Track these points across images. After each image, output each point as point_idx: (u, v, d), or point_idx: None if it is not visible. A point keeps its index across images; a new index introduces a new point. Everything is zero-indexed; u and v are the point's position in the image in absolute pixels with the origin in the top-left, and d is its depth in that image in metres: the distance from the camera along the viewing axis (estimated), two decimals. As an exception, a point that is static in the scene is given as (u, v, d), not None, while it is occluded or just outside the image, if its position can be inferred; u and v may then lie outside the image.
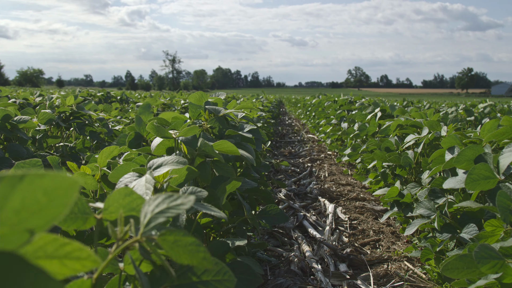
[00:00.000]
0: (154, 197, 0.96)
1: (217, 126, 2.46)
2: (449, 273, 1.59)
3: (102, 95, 8.52)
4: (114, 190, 1.07)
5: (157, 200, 0.95)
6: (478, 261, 1.47)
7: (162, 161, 1.55)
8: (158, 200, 0.95)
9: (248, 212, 2.10)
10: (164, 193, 1.67)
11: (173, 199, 0.95)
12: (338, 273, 2.71)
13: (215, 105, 2.77)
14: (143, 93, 16.36)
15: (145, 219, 0.94)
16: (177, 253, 0.94)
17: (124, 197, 1.08)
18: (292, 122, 17.43)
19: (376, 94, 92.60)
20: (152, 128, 1.88)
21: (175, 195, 0.96)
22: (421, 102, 11.28)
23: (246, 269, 1.52)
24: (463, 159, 1.92)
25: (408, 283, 2.68)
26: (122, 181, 1.53)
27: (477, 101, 14.63)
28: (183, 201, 0.94)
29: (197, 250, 0.92)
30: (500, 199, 1.58)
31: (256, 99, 10.33)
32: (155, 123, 1.82)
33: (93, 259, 0.79)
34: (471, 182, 1.71)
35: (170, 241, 0.93)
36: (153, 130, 1.87)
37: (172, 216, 0.92)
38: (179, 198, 0.95)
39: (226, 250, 1.58)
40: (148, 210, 0.95)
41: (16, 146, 2.87)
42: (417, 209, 2.43)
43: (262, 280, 1.49)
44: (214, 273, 1.02)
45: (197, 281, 1.01)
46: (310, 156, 7.95)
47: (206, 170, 1.78)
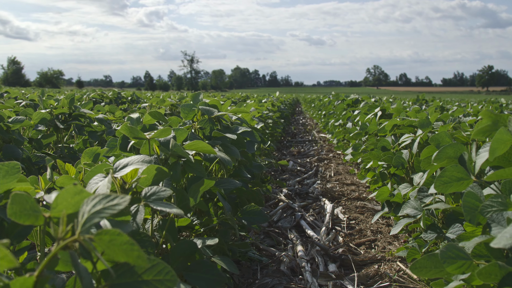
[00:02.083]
0: (92, 197, 0.98)
1: (208, 127, 2.48)
2: (417, 272, 1.58)
3: (112, 95, 8.62)
4: (63, 189, 1.09)
5: (94, 200, 0.98)
6: (443, 261, 1.46)
7: (128, 161, 1.58)
8: (95, 201, 0.97)
9: (227, 212, 2.11)
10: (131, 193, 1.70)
11: (110, 199, 0.97)
12: (326, 273, 2.71)
13: (213, 106, 2.79)
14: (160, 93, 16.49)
15: (83, 219, 0.96)
16: (113, 251, 0.96)
17: (73, 196, 1.10)
18: (306, 121, 17.39)
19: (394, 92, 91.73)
20: (125, 129, 1.90)
21: (112, 196, 0.98)
22: (434, 100, 11.14)
23: (210, 268, 1.54)
24: (444, 156, 1.90)
25: (397, 284, 2.66)
26: (91, 182, 1.56)
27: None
28: (119, 202, 0.96)
29: (132, 248, 0.94)
30: (466, 200, 1.57)
31: (266, 99, 10.33)
32: (129, 125, 1.85)
33: (9, 259, 0.82)
34: (441, 185, 1.69)
35: (106, 240, 0.95)
36: (126, 131, 1.90)
37: (106, 216, 0.95)
38: (115, 198, 0.97)
39: (193, 250, 1.60)
40: (86, 210, 0.97)
41: (12, 147, 2.93)
42: (404, 209, 2.42)
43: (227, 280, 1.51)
44: (155, 273, 1.03)
45: (138, 280, 1.02)
46: (318, 155, 7.93)
47: (177, 170, 1.80)
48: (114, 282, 1.02)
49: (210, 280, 1.52)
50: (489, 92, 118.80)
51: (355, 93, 13.90)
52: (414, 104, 7.41)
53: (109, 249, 0.95)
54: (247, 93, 26.26)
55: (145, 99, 10.23)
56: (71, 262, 0.98)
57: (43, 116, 3.44)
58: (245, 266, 2.92)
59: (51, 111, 3.64)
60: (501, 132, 1.48)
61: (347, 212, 4.30)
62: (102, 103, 7.28)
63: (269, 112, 6.44)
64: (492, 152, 1.50)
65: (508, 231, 1.17)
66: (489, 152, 1.49)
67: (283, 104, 12.09)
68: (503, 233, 1.17)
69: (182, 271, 1.56)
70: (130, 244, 0.94)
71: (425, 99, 10.47)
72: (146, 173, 1.68)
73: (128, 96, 9.83)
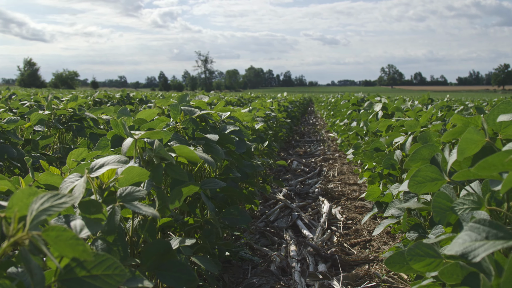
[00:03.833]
0: (41, 196, 1.01)
1: (191, 127, 2.49)
2: (391, 267, 1.59)
3: (120, 96, 8.69)
4: (18, 190, 1.12)
5: (43, 198, 1.00)
6: (410, 259, 1.46)
7: (104, 161, 1.60)
8: (44, 199, 1.00)
9: (211, 212, 2.13)
10: (107, 193, 1.72)
11: (57, 198, 0.99)
12: (314, 273, 2.72)
13: (199, 107, 2.81)
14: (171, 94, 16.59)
15: (31, 216, 0.99)
16: (60, 247, 0.98)
17: (29, 196, 1.12)
18: (317, 121, 17.36)
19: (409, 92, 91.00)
20: (114, 124, 1.94)
21: (59, 194, 1.00)
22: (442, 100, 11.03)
23: (182, 268, 1.55)
24: (418, 158, 1.89)
25: (385, 284, 2.66)
26: (66, 181, 1.58)
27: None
28: (66, 200, 0.99)
29: (77, 243, 0.97)
30: (437, 200, 1.56)
31: (272, 99, 10.33)
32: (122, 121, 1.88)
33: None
34: (415, 185, 1.69)
35: (53, 236, 0.97)
36: (115, 127, 1.93)
37: (52, 213, 0.97)
38: (62, 197, 0.99)
39: (167, 249, 1.62)
40: (34, 208, 0.99)
41: (6, 147, 2.97)
42: (389, 209, 2.42)
43: (198, 279, 1.52)
44: (104, 267, 1.05)
45: (86, 275, 1.05)
46: (324, 155, 7.92)
47: (158, 172, 1.82)
48: (64, 278, 1.04)
49: (180, 279, 1.53)
50: (505, 91, 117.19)
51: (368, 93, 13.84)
52: (420, 104, 7.36)
53: (56, 245, 0.98)
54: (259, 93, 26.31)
55: (153, 100, 10.30)
56: (22, 259, 1.00)
57: (41, 117, 3.49)
58: (236, 266, 2.93)
59: (53, 112, 3.69)
60: (470, 132, 1.48)
61: (345, 212, 4.29)
62: (108, 103, 7.35)
63: (272, 112, 6.44)
64: (461, 152, 1.50)
65: (461, 237, 1.16)
66: (457, 152, 1.48)
67: (291, 104, 12.08)
68: (456, 239, 1.16)
69: (154, 270, 1.58)
70: (75, 239, 0.96)
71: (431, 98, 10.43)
72: (125, 173, 1.70)
73: (137, 97, 9.90)
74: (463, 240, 1.18)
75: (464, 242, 1.18)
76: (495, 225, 1.20)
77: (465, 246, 1.17)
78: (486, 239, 1.18)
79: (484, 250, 1.15)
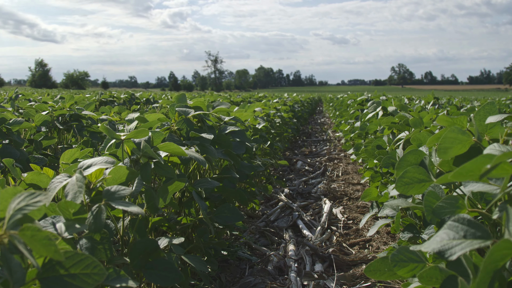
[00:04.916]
0: (19, 195, 1.03)
1: (185, 128, 2.51)
2: (371, 275, 1.58)
3: (126, 97, 8.74)
4: (2, 190, 1.14)
5: (20, 197, 1.02)
6: (394, 265, 1.45)
7: (92, 162, 1.62)
8: (21, 198, 1.02)
9: (203, 211, 2.14)
10: (94, 192, 1.74)
11: (33, 196, 1.01)
12: (310, 273, 2.72)
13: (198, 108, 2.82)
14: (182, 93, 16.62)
15: (8, 215, 1.01)
16: (35, 246, 1.00)
17: (12, 196, 1.15)
18: (325, 120, 17.33)
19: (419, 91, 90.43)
20: (103, 129, 1.96)
21: (36, 193, 1.02)
22: (452, 99, 10.99)
23: (168, 266, 1.57)
24: (406, 165, 1.88)
25: (381, 284, 2.66)
26: (54, 181, 1.60)
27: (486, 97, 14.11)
28: (41, 199, 1.01)
29: (50, 243, 0.99)
30: (428, 199, 1.56)
31: (278, 98, 10.33)
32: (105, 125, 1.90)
33: None
34: (402, 186, 1.68)
35: (28, 235, 0.99)
36: (105, 131, 1.95)
37: (28, 212, 0.99)
38: (38, 195, 1.01)
39: (154, 248, 1.64)
40: (11, 207, 1.01)
41: (10, 148, 3.02)
42: (383, 209, 2.42)
43: (185, 278, 1.54)
44: (83, 266, 1.07)
45: (65, 274, 1.06)
46: (329, 155, 7.91)
47: (147, 171, 1.84)
48: (42, 276, 1.06)
49: (167, 278, 1.55)
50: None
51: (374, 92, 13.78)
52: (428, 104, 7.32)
53: (32, 244, 1.00)
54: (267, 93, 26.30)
55: (160, 100, 10.35)
56: (1, 257, 1.03)
57: (45, 118, 3.53)
58: (233, 265, 2.95)
59: (51, 112, 3.72)
60: (452, 130, 1.47)
61: (347, 212, 4.28)
62: (114, 104, 7.40)
63: (277, 112, 6.44)
64: (443, 151, 1.49)
65: (439, 235, 1.16)
66: (438, 152, 1.48)
67: (298, 103, 12.07)
68: (434, 237, 1.16)
69: (141, 268, 1.60)
70: (48, 239, 0.98)
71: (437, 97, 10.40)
72: (113, 173, 1.72)
73: (143, 97, 9.94)
74: (441, 238, 1.17)
75: (442, 240, 1.18)
76: (474, 224, 1.20)
77: (442, 244, 1.17)
78: (464, 237, 1.18)
79: (461, 248, 1.15)
